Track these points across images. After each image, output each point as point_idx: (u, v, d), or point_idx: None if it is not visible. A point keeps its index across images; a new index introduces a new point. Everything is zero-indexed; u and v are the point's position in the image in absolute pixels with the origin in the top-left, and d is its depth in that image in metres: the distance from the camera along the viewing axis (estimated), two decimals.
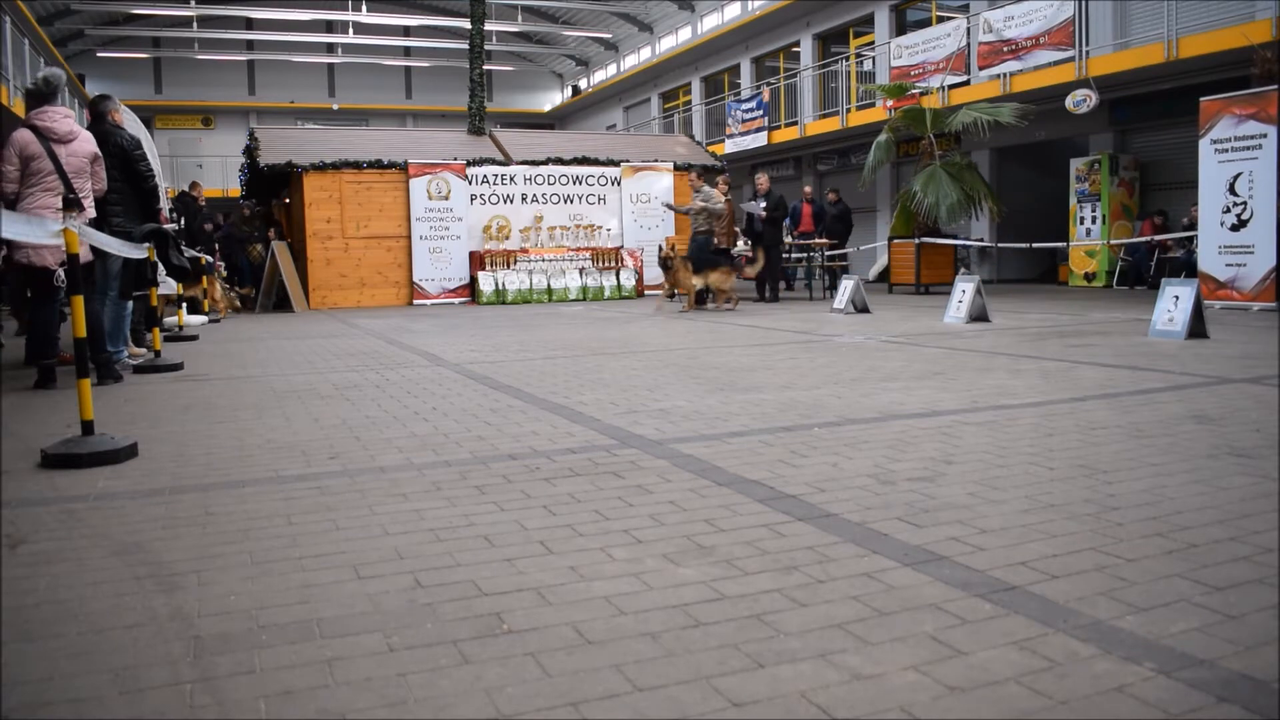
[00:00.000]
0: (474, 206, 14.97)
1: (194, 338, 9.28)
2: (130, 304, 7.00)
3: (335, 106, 35.11)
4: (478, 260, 14.65)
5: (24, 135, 5.51)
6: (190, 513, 2.86)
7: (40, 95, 5.72)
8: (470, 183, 14.93)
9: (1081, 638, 1.81)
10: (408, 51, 34.66)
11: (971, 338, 7.62)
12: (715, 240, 13.18)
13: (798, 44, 22.95)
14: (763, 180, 13.59)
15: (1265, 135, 9.54)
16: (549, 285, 14.77)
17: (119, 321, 6.75)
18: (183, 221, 12.48)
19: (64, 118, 5.70)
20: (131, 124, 7.84)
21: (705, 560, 2.32)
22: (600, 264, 15.26)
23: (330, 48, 33.89)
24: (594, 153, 16.07)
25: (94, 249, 5.46)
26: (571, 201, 15.58)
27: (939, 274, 14.26)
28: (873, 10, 20.21)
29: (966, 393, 4.79)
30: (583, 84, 37.44)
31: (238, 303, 14.00)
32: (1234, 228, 9.87)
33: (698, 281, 11.70)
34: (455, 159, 14.97)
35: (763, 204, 13.20)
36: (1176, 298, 7.16)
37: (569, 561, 2.33)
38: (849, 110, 19.29)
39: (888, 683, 1.65)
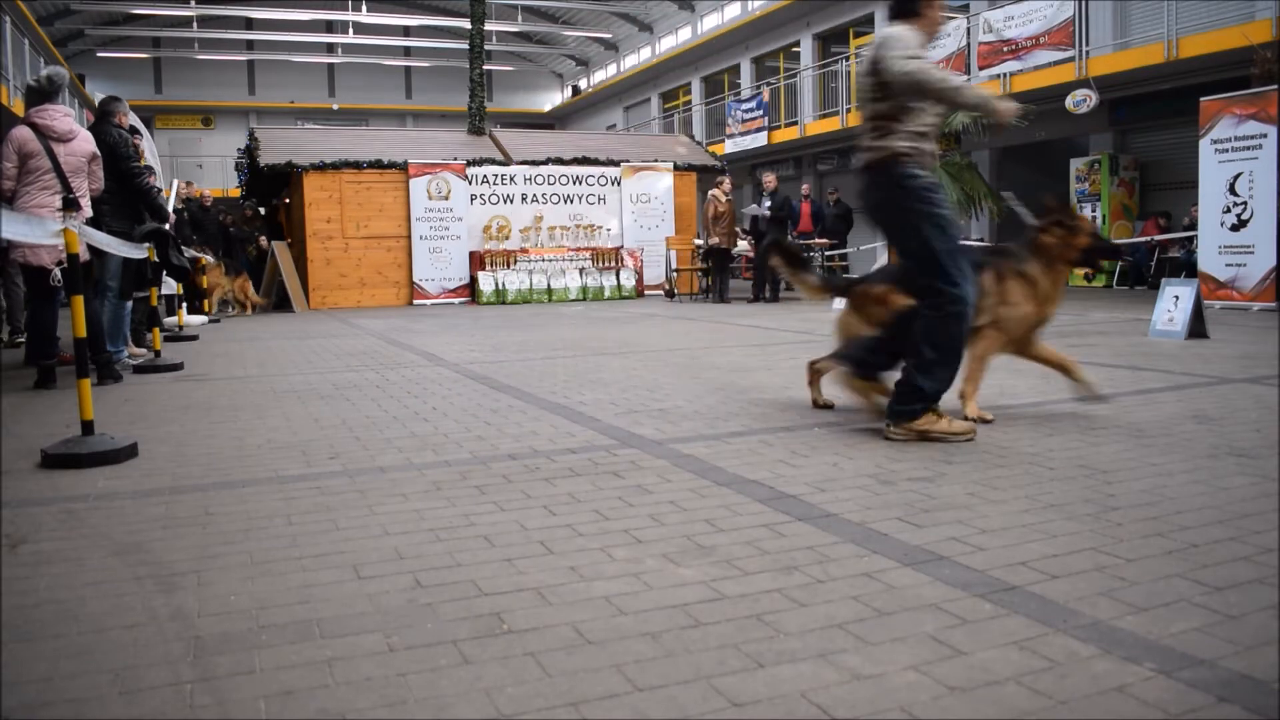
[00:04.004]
0: (474, 206, 14.97)
1: (194, 338, 9.28)
2: (129, 304, 7.01)
3: (335, 106, 35.10)
4: (478, 260, 14.65)
5: (23, 132, 5.50)
6: (190, 513, 2.86)
7: (42, 93, 5.71)
8: (470, 183, 14.93)
9: (1081, 638, 1.81)
10: (408, 51, 34.65)
11: None
12: (719, 241, 13.20)
13: (798, 44, 22.95)
14: (770, 179, 13.56)
15: (1265, 135, 9.54)
16: (549, 285, 14.77)
17: (118, 321, 6.75)
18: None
19: (64, 116, 5.69)
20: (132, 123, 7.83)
21: (705, 560, 2.32)
22: (600, 264, 15.25)
23: (330, 48, 33.88)
24: (594, 153, 16.07)
25: (90, 248, 5.46)
26: (571, 201, 15.58)
27: None
28: (873, 10, 20.20)
29: None
30: (583, 84, 37.43)
31: (257, 299, 14.05)
32: (1234, 228, 9.87)
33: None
34: (455, 159, 14.96)
35: (767, 204, 13.19)
36: (1176, 298, 7.16)
37: (569, 561, 2.33)
38: (849, 110, 19.28)
39: (888, 683, 1.65)
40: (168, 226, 6.92)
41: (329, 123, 30.11)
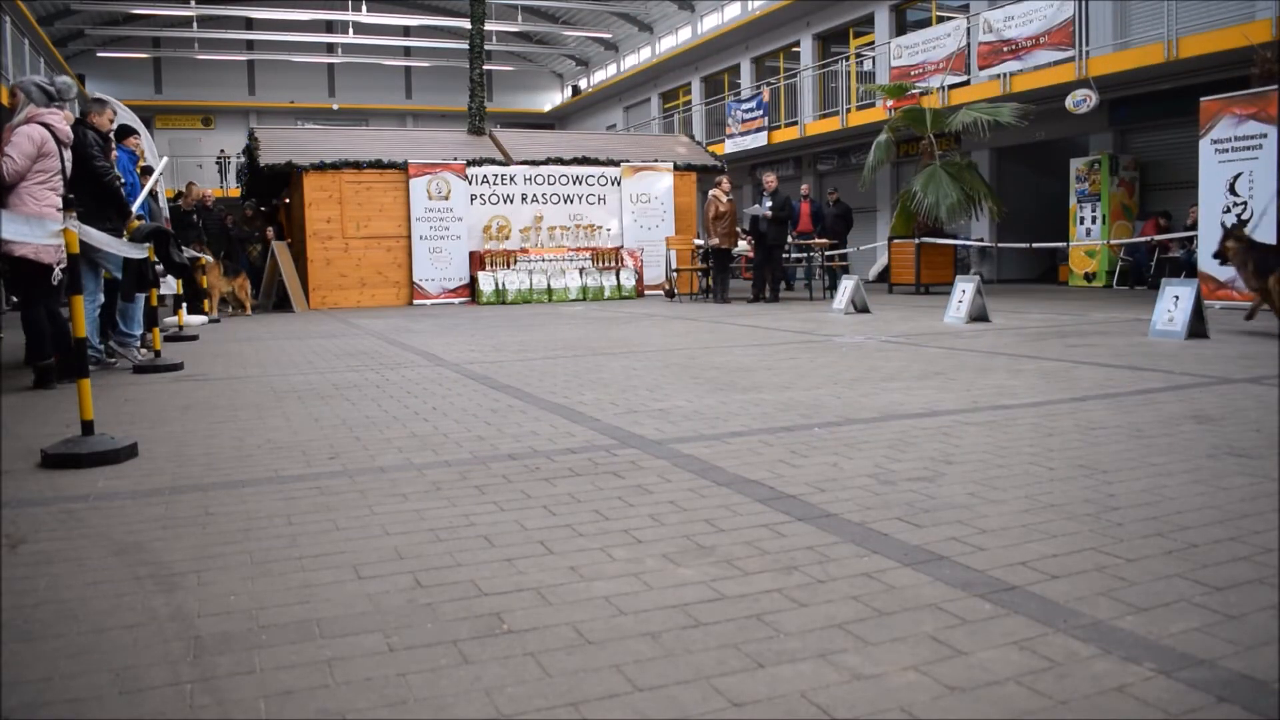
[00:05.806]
0: (474, 206, 14.97)
1: (194, 338, 9.28)
2: (139, 298, 7.12)
3: (335, 106, 35.10)
4: (478, 260, 14.66)
5: (43, 131, 5.57)
6: (190, 513, 2.86)
7: (51, 97, 5.79)
8: (470, 183, 14.94)
9: (1081, 638, 1.81)
10: (408, 51, 34.65)
11: (971, 338, 7.62)
12: (720, 241, 13.18)
13: (798, 44, 22.95)
14: (770, 180, 13.54)
15: (1265, 135, 9.54)
16: (549, 285, 14.77)
17: (126, 314, 6.91)
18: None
19: (67, 123, 5.81)
20: (130, 122, 7.86)
21: (705, 560, 2.32)
22: (600, 264, 15.26)
23: (330, 48, 33.88)
24: (594, 153, 16.07)
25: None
26: (571, 201, 15.59)
27: (939, 274, 14.26)
28: (873, 10, 20.21)
29: (966, 393, 4.79)
30: (583, 84, 37.43)
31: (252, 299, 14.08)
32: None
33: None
34: (455, 159, 14.97)
35: (768, 204, 13.18)
36: (1176, 298, 7.16)
37: (569, 561, 2.33)
38: (849, 110, 19.28)
39: (888, 683, 1.65)
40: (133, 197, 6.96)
41: (329, 123, 30.11)
